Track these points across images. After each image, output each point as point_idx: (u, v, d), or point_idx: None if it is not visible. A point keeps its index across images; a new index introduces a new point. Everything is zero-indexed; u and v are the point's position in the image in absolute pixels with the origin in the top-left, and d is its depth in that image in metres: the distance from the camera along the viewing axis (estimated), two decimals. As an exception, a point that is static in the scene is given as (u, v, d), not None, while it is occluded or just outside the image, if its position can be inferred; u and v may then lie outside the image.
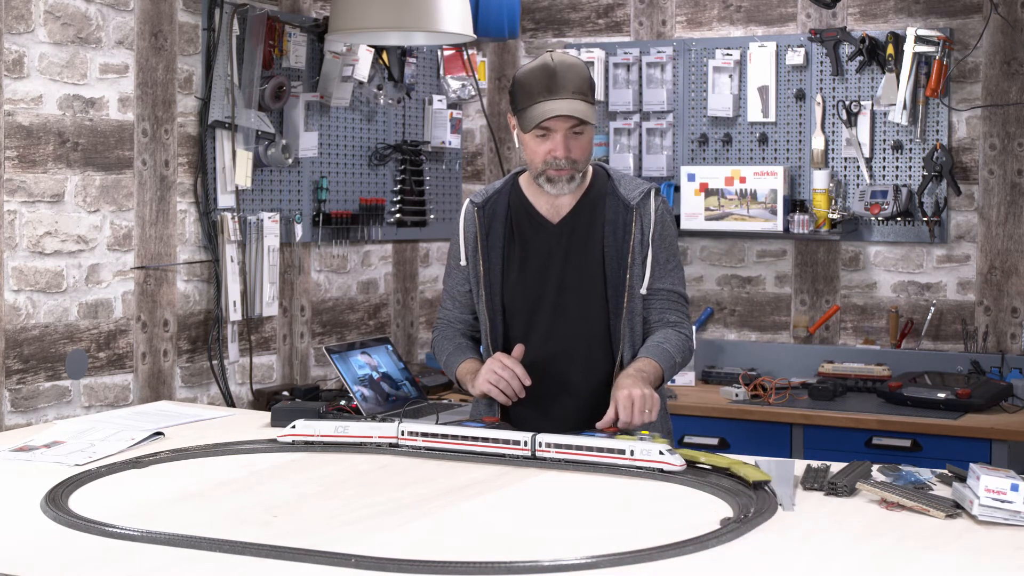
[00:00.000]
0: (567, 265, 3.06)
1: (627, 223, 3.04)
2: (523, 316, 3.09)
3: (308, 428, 2.85)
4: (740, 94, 5.06)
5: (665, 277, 3.08)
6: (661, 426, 3.12)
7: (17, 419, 3.61)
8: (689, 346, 3.10)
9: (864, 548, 2.10)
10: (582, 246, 3.06)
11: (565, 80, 2.95)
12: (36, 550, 2.10)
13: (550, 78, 2.95)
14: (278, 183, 4.48)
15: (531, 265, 3.08)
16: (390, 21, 4.06)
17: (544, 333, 3.07)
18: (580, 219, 3.08)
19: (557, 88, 2.94)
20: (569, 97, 2.94)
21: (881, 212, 4.75)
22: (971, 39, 4.71)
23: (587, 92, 2.98)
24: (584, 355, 3.05)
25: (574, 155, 2.98)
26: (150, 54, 4.00)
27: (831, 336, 4.98)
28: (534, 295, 3.07)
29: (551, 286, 3.06)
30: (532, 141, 3.00)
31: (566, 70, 2.96)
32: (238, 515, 2.31)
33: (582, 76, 2.98)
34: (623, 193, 3.07)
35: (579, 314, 3.06)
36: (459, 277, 3.18)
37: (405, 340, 5.12)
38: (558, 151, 2.96)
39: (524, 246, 3.09)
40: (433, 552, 2.04)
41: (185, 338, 4.17)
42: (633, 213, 3.04)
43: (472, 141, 5.49)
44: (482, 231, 3.11)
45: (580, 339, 3.06)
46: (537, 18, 5.48)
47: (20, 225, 3.63)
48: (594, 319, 3.06)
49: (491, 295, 3.09)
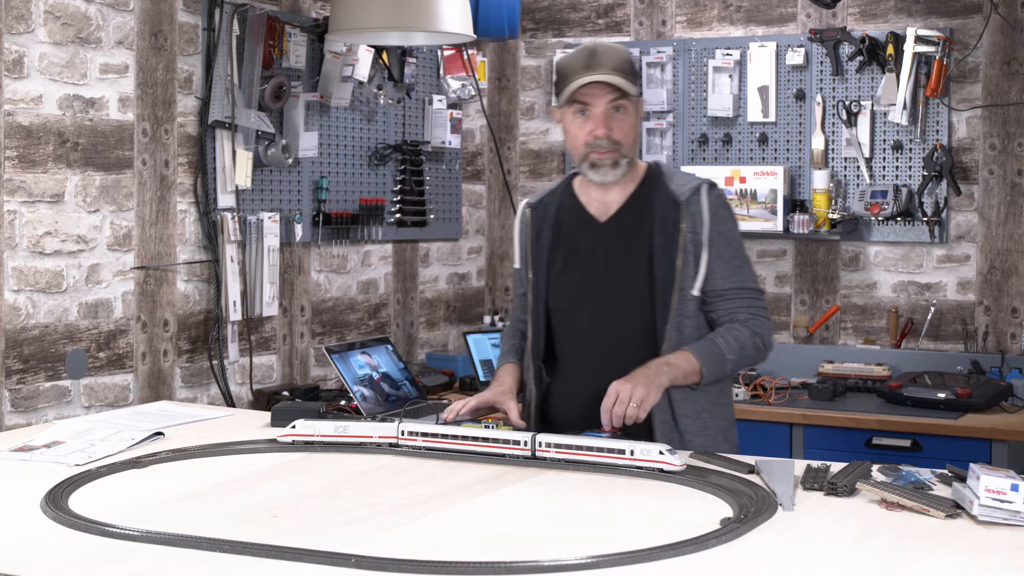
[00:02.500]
0: (612, 264, 2.95)
1: (676, 220, 2.89)
2: (566, 316, 3.00)
3: (308, 428, 2.85)
4: (740, 94, 5.06)
5: (731, 275, 2.91)
6: (725, 439, 2.96)
7: (17, 419, 3.61)
8: (756, 342, 2.91)
9: (864, 548, 2.10)
10: (628, 244, 2.94)
11: (604, 58, 2.86)
12: (36, 550, 2.10)
13: (589, 56, 2.87)
14: (278, 183, 4.48)
15: (576, 265, 2.99)
16: (390, 21, 4.06)
17: (587, 334, 2.97)
18: (628, 217, 2.96)
19: (596, 64, 2.85)
20: (607, 72, 2.84)
21: (881, 212, 4.75)
22: (971, 39, 4.71)
23: (628, 71, 2.87)
24: (624, 359, 2.87)
25: (616, 135, 2.87)
26: (150, 54, 4.00)
27: (831, 336, 4.98)
28: (576, 295, 2.98)
29: (594, 286, 2.96)
30: (573, 124, 2.90)
31: (606, 50, 2.89)
32: (238, 515, 2.31)
33: (623, 57, 2.89)
34: (673, 188, 2.93)
35: (623, 315, 2.93)
36: (517, 279, 3.14)
37: (405, 340, 5.12)
38: (599, 129, 2.85)
39: (570, 246, 3.00)
40: (433, 552, 2.04)
41: (185, 338, 4.17)
42: (682, 209, 2.90)
43: (472, 141, 5.49)
44: (533, 233, 3.04)
45: (624, 341, 2.93)
46: (537, 18, 5.48)
47: (20, 225, 3.63)
48: (638, 321, 2.92)
49: (537, 297, 3.01)
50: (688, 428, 2.91)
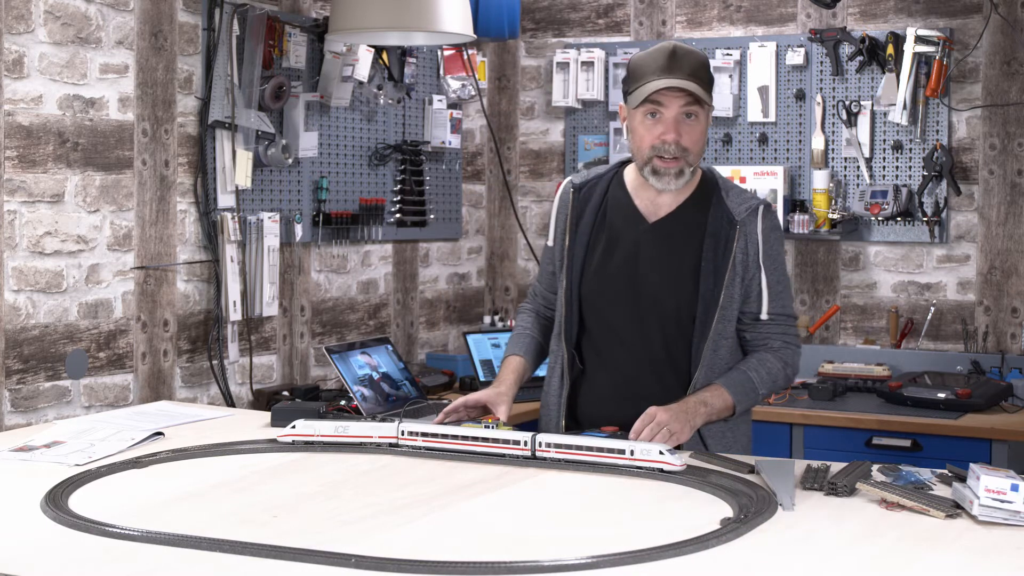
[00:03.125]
0: (655, 269, 2.88)
1: (729, 239, 2.84)
2: (600, 313, 2.94)
3: (308, 428, 2.85)
4: (740, 94, 5.06)
5: (773, 300, 2.89)
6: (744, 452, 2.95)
7: (17, 419, 3.61)
8: (787, 373, 2.92)
9: (864, 548, 2.10)
10: (676, 253, 2.88)
11: (683, 62, 2.79)
12: (36, 550, 2.10)
13: (668, 58, 2.79)
14: (278, 183, 4.48)
15: (616, 259, 2.92)
16: (390, 21, 4.06)
17: (620, 337, 2.92)
18: (680, 223, 2.89)
19: (674, 68, 2.78)
20: (684, 78, 2.77)
21: (881, 212, 4.75)
22: (971, 39, 4.71)
23: (703, 78, 2.81)
24: (658, 370, 2.89)
25: (685, 142, 2.80)
26: (150, 54, 4.00)
27: (831, 336, 4.98)
28: (613, 291, 2.91)
29: (634, 287, 2.89)
30: (641, 125, 2.82)
31: (685, 53, 2.81)
32: (238, 515, 2.31)
33: (701, 62, 2.83)
34: (730, 205, 2.87)
35: (659, 325, 2.89)
36: (547, 257, 3.08)
37: (405, 340, 5.12)
38: (668, 134, 2.78)
39: (612, 238, 2.93)
40: (433, 552, 2.04)
41: (185, 338, 4.17)
42: (737, 230, 2.85)
43: (472, 141, 5.49)
44: (574, 214, 2.96)
45: (656, 351, 2.90)
46: (537, 18, 5.48)
47: (20, 225, 3.63)
48: (675, 333, 2.88)
49: (571, 283, 2.94)
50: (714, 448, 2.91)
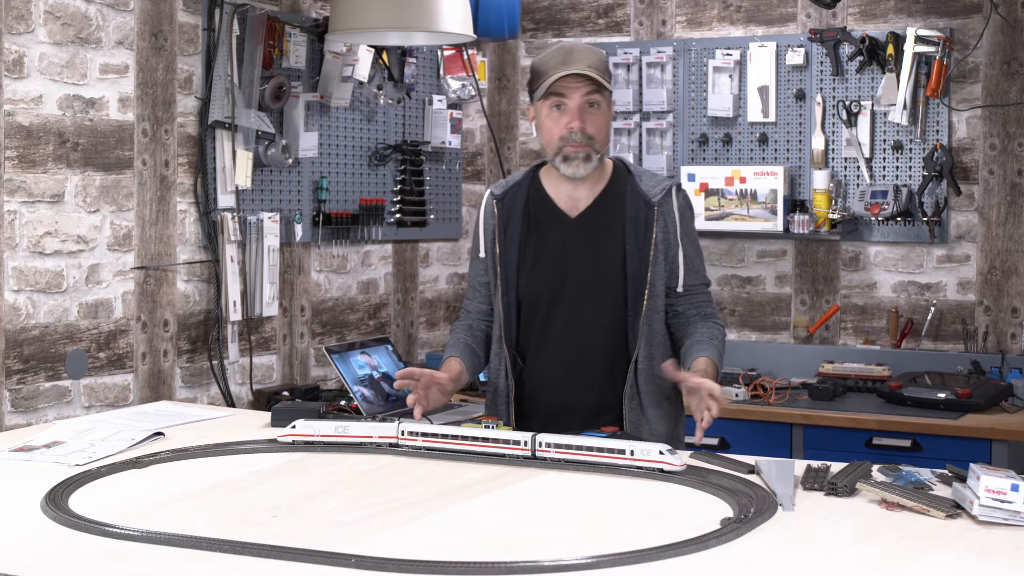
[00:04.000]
0: (584, 260, 3.05)
1: (648, 220, 3.02)
2: (538, 310, 3.08)
3: (308, 428, 2.85)
4: (740, 94, 5.06)
5: (693, 272, 3.09)
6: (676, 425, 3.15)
7: (17, 419, 3.61)
8: (724, 335, 3.14)
9: (864, 548, 2.10)
10: (601, 241, 3.05)
11: (580, 56, 2.98)
12: (36, 550, 2.10)
13: (566, 53, 2.99)
14: (278, 183, 4.48)
15: (547, 258, 3.07)
16: (390, 21, 4.06)
17: (560, 328, 3.06)
18: (599, 214, 3.06)
19: (571, 61, 2.97)
20: (584, 67, 2.95)
21: (881, 212, 4.75)
22: (971, 39, 4.71)
23: (603, 70, 2.99)
24: (600, 351, 3.04)
25: (590, 130, 2.97)
26: (150, 54, 4.00)
27: (831, 336, 4.98)
28: (549, 289, 3.06)
29: (567, 280, 3.05)
30: (548, 119, 3.00)
31: (583, 48, 3.02)
32: (238, 515, 2.31)
33: (599, 57, 3.02)
34: (644, 189, 3.05)
35: (596, 310, 3.05)
36: (479, 268, 3.18)
37: (405, 340, 5.12)
38: (574, 122, 2.96)
39: (541, 239, 3.08)
40: (433, 552, 2.04)
41: (185, 338, 4.17)
42: (655, 211, 3.03)
43: (472, 141, 5.49)
44: (500, 223, 3.10)
45: (596, 335, 3.05)
46: (537, 18, 5.48)
47: (20, 225, 3.63)
48: (610, 315, 3.04)
49: (507, 288, 3.08)
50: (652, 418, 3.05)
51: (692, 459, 2.68)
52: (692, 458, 2.69)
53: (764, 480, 2.50)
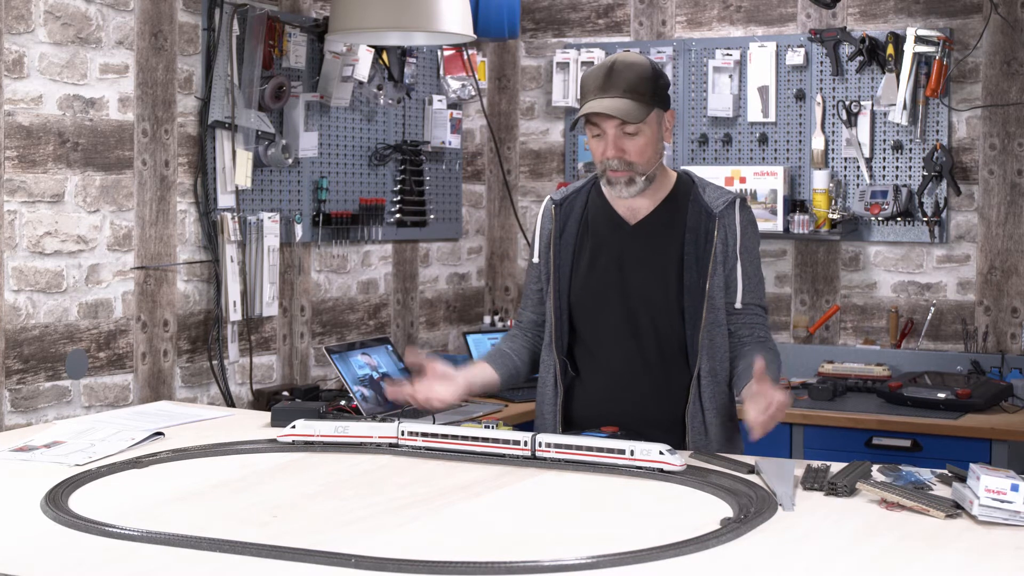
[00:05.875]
0: (641, 268, 2.97)
1: (709, 231, 2.94)
2: (590, 316, 3.01)
3: (308, 428, 2.85)
4: (740, 94, 5.06)
5: (750, 291, 2.99)
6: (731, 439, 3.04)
7: (17, 419, 3.61)
8: (780, 363, 3.00)
9: (864, 548, 2.10)
10: (659, 249, 2.97)
11: (619, 78, 2.87)
12: (36, 550, 2.10)
13: (605, 76, 2.88)
14: (278, 183, 4.48)
15: (602, 264, 3.00)
16: (390, 21, 4.06)
17: (611, 334, 2.99)
18: (658, 223, 2.99)
19: (609, 86, 2.87)
20: (618, 96, 2.86)
21: (881, 212, 4.75)
22: (971, 39, 4.71)
23: (642, 91, 2.87)
24: (656, 362, 2.97)
25: (629, 157, 2.90)
26: (150, 54, 4.00)
27: (831, 336, 4.98)
28: (602, 295, 3.00)
29: (621, 287, 2.98)
30: (591, 142, 2.95)
31: (624, 68, 2.89)
32: (238, 515, 2.31)
33: (639, 74, 2.89)
34: (706, 200, 2.97)
35: (650, 319, 2.96)
36: (533, 275, 3.14)
37: (405, 340, 5.12)
38: (609, 151, 2.89)
39: (596, 244, 3.02)
40: (433, 552, 2.04)
41: (185, 338, 4.17)
42: (716, 222, 2.94)
43: (472, 141, 5.49)
44: (557, 228, 3.05)
45: (652, 344, 2.97)
46: (537, 18, 5.48)
47: (20, 225, 3.63)
48: (667, 326, 2.96)
49: (559, 293, 3.02)
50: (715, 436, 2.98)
51: (692, 459, 2.68)
52: (692, 458, 2.69)
53: (764, 480, 2.50)
